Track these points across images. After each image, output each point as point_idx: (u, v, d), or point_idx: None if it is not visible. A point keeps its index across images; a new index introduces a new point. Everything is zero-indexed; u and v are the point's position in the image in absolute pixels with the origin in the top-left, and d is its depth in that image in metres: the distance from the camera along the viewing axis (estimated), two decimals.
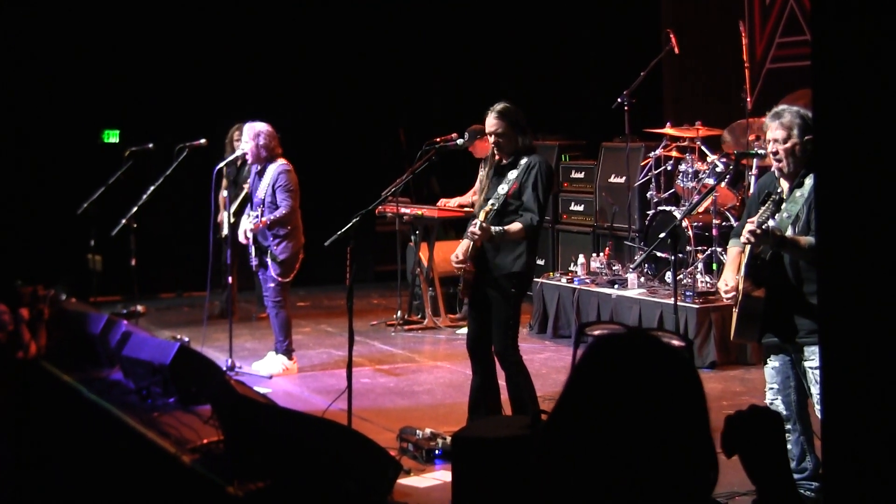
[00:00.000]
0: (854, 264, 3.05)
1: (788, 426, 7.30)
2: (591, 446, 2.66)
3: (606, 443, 2.65)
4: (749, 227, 7.00)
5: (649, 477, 2.64)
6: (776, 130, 7.13)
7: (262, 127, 11.53)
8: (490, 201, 8.60)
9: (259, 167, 11.59)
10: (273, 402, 8.07)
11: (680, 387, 2.73)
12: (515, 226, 8.46)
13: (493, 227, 8.37)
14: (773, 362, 7.33)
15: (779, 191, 7.16)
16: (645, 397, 2.67)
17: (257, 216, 11.37)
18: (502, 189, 8.59)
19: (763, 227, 6.92)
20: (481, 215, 8.43)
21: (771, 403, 7.37)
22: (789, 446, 7.33)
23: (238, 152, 11.49)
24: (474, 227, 8.37)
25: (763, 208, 7.01)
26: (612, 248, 14.01)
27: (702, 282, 12.23)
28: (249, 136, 11.48)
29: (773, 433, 3.02)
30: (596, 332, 2.90)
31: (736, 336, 7.49)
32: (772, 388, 7.37)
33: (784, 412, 7.28)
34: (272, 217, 11.33)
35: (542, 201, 8.56)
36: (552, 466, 2.72)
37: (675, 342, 2.88)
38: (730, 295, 7.37)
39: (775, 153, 7.13)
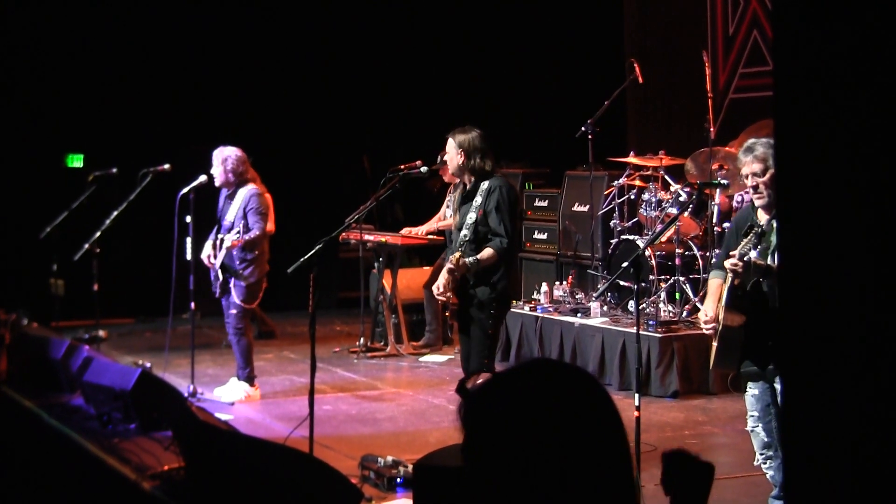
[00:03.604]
0: (814, 292, 3.07)
1: (770, 452, 7.39)
2: (507, 490, 2.56)
3: (521, 481, 2.56)
4: (731, 259, 7.05)
5: None
6: (753, 164, 7.18)
7: (229, 151, 11.53)
8: (462, 232, 8.73)
9: (229, 191, 11.59)
10: (235, 428, 8.05)
11: (588, 406, 2.63)
12: (487, 252, 8.65)
13: (468, 260, 8.55)
14: (753, 390, 7.39)
15: (760, 223, 7.17)
16: (552, 422, 2.57)
17: (238, 233, 11.34)
18: (470, 218, 8.72)
19: (745, 259, 6.97)
20: (454, 257, 8.57)
21: (752, 430, 7.45)
22: (772, 473, 7.43)
23: (202, 178, 11.46)
24: (451, 265, 8.56)
25: (745, 240, 7.06)
26: (575, 277, 14.04)
27: (664, 311, 12.27)
28: (218, 161, 11.48)
29: (703, 483, 3.01)
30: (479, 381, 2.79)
31: (716, 365, 7.55)
32: (752, 416, 7.43)
33: (766, 439, 7.37)
34: (246, 237, 11.31)
35: (507, 223, 8.72)
36: None
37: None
38: (709, 326, 7.43)
39: (755, 187, 7.18)
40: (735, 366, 7.35)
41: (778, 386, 7.09)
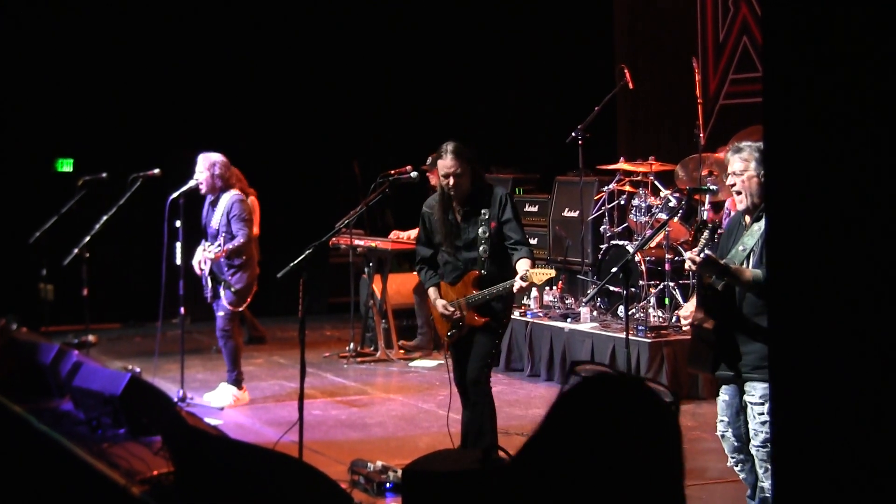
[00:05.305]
0: (803, 297, 3.07)
1: (741, 456, 7.41)
2: (561, 486, 2.61)
3: (576, 484, 2.59)
4: (689, 255, 7.12)
5: None
6: (735, 163, 7.28)
7: (216, 157, 11.52)
8: (482, 247, 8.66)
9: (212, 197, 11.59)
10: (224, 433, 8.04)
11: (662, 439, 2.67)
12: (527, 262, 8.51)
13: (532, 276, 8.40)
14: (724, 395, 7.43)
15: (716, 221, 7.29)
16: (624, 443, 2.59)
17: (219, 245, 11.34)
18: (483, 232, 8.64)
19: (701, 255, 7.04)
20: (531, 273, 8.41)
21: (722, 435, 7.48)
22: (744, 475, 7.47)
23: (192, 183, 11.46)
24: (527, 283, 8.40)
25: (701, 238, 7.16)
26: (565, 282, 14.04)
27: (654, 316, 12.27)
28: (204, 167, 11.46)
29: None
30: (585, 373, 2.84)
31: (689, 364, 7.59)
32: (722, 421, 7.46)
33: (736, 443, 7.40)
34: (230, 247, 11.32)
35: (523, 229, 8.79)
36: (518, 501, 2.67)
37: (665, 397, 2.80)
38: (687, 321, 7.49)
39: (733, 185, 7.27)
40: (708, 368, 7.39)
41: (749, 392, 7.13)
